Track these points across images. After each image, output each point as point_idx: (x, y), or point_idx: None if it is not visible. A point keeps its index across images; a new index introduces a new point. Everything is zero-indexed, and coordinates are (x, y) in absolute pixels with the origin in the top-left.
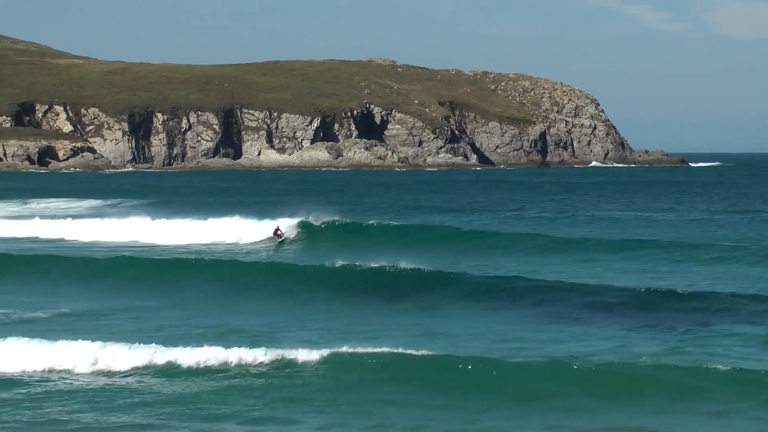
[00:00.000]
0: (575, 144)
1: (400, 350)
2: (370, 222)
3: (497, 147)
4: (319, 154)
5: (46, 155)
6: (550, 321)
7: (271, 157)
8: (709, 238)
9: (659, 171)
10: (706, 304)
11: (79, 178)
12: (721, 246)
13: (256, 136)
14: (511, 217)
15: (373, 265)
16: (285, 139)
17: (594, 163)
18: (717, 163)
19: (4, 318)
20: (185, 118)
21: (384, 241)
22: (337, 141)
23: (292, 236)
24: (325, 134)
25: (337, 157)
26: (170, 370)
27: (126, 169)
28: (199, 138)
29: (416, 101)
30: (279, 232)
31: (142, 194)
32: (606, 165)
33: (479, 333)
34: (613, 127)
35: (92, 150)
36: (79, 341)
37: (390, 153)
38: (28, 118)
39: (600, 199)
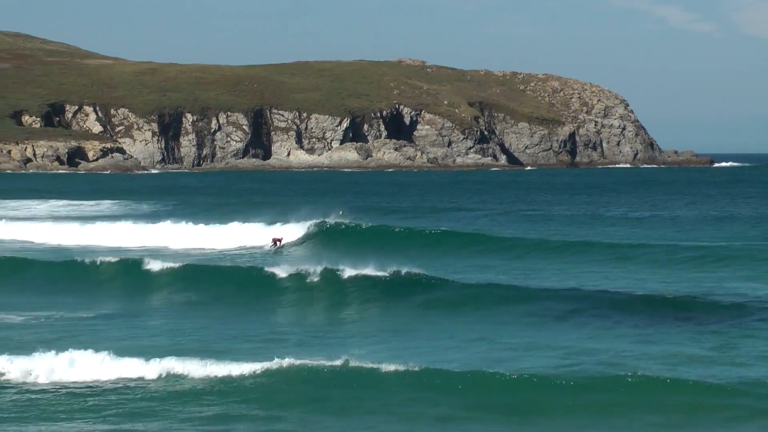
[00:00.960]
0: (604, 145)
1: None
2: (377, 224)
3: (526, 147)
4: (349, 154)
5: (76, 156)
6: (570, 325)
7: (301, 157)
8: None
9: (680, 171)
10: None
11: (103, 180)
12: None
13: (286, 136)
14: (537, 217)
15: (375, 272)
16: (314, 140)
17: (619, 165)
18: (740, 163)
19: (47, 320)
20: (215, 118)
21: (391, 246)
22: (367, 141)
23: (294, 240)
24: (354, 135)
25: (367, 158)
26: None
27: (155, 170)
28: (229, 138)
29: (446, 102)
30: (278, 243)
31: (160, 196)
32: (633, 166)
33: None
34: (643, 127)
35: (122, 151)
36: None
37: (419, 153)
38: (58, 118)
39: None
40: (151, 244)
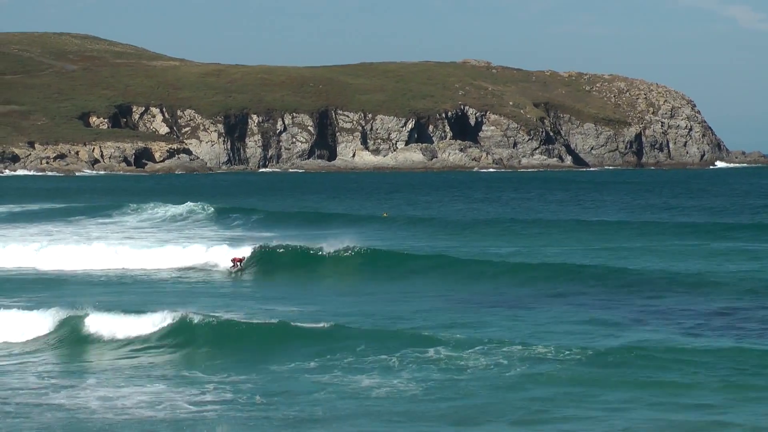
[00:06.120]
0: (671, 145)
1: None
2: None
3: (592, 148)
4: (414, 155)
5: (143, 157)
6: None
7: (366, 158)
8: None
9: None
10: None
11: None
12: None
13: (351, 137)
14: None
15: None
16: (379, 141)
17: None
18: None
19: None
20: (280, 119)
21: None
22: (432, 142)
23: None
24: (419, 136)
25: (432, 159)
26: None
27: (220, 171)
28: (294, 139)
29: (511, 102)
30: (239, 264)
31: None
32: (700, 168)
33: None
34: (710, 128)
35: (188, 152)
36: None
37: (484, 154)
38: (125, 119)
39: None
40: None
